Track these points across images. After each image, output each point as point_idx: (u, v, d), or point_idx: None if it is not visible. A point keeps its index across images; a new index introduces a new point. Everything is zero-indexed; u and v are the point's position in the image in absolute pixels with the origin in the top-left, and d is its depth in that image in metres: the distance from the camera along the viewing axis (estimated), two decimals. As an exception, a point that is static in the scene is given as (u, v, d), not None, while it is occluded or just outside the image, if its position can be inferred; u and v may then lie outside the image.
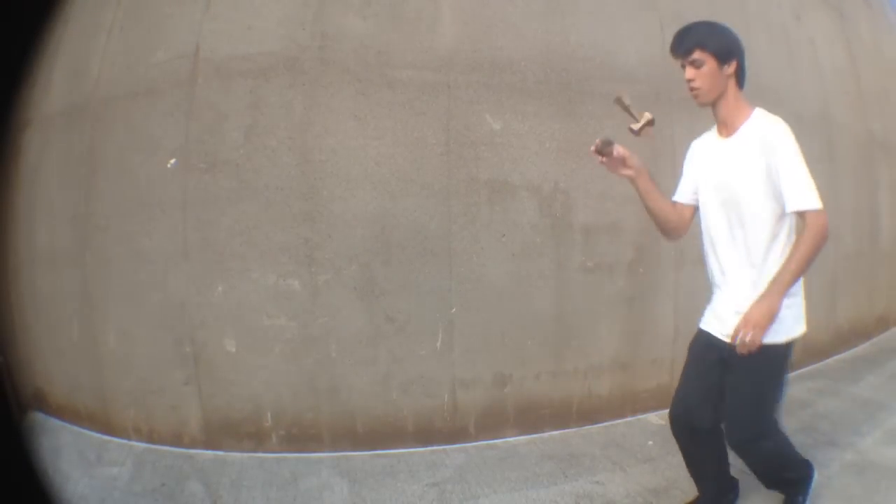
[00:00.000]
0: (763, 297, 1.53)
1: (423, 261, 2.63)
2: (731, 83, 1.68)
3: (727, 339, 1.63)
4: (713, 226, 1.72)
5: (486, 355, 2.72)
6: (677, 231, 1.81)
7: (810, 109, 3.77)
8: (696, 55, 1.63)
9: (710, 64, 1.63)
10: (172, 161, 2.60)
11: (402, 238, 2.62)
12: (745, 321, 1.51)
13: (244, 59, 2.58)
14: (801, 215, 1.57)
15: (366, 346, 2.60)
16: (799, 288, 1.64)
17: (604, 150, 1.63)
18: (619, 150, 1.64)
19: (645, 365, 3.01)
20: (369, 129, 2.59)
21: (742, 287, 1.65)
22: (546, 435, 2.78)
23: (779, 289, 1.52)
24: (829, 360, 3.68)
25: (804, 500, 1.87)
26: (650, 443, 2.64)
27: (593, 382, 2.89)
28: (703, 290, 1.91)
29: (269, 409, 2.60)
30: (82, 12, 2.82)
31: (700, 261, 1.84)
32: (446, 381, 2.68)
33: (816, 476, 1.92)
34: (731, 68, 1.66)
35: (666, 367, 3.07)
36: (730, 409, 1.68)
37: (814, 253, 1.54)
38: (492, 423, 2.75)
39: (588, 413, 2.87)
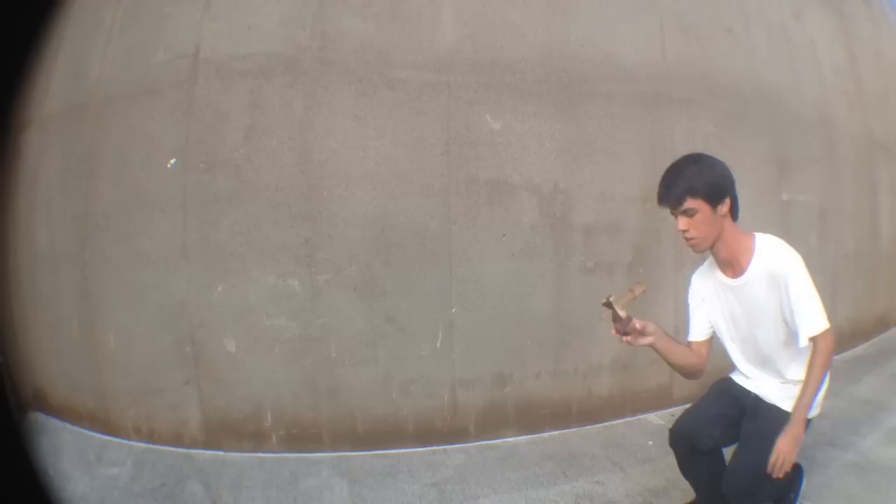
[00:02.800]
0: (788, 429, 1.54)
1: (423, 261, 2.63)
2: (727, 222, 1.59)
3: (750, 391, 1.72)
4: (739, 357, 1.76)
5: (486, 355, 2.72)
6: (699, 370, 1.75)
7: (810, 109, 3.77)
8: (688, 204, 1.53)
9: (703, 210, 1.53)
10: (172, 161, 2.60)
11: (402, 238, 2.62)
12: (777, 453, 1.52)
13: (244, 59, 2.58)
14: (810, 339, 1.57)
15: (366, 346, 2.60)
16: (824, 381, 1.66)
17: (626, 328, 1.55)
18: (636, 324, 1.55)
19: (645, 365, 3.01)
20: (369, 129, 2.59)
21: (765, 384, 1.72)
22: (546, 435, 2.78)
23: (800, 417, 1.55)
24: (829, 361, 3.68)
25: (795, 498, 1.91)
26: (650, 443, 2.63)
27: (593, 382, 2.89)
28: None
29: (269, 409, 2.60)
30: (82, 12, 2.82)
31: (700, 261, 1.84)
32: (446, 381, 2.68)
33: (805, 477, 1.97)
34: (724, 208, 1.56)
35: (666, 368, 3.05)
36: (735, 460, 1.66)
37: (826, 371, 1.58)
38: (492, 423, 2.74)
39: (588, 413, 2.87)
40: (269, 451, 2.58)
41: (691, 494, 1.96)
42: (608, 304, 1.53)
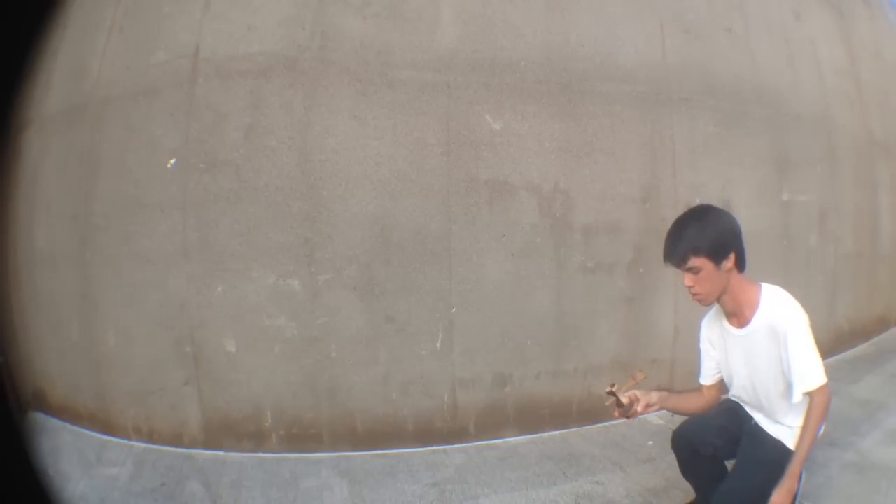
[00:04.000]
0: (783, 482, 1.56)
1: (423, 261, 2.63)
2: (733, 275, 1.59)
3: (753, 417, 1.74)
4: (742, 399, 1.78)
5: (486, 355, 2.72)
6: (709, 409, 1.81)
7: (810, 109, 3.77)
8: (691, 263, 1.55)
9: (706, 268, 1.54)
10: (172, 161, 2.60)
11: (402, 238, 2.62)
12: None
13: (244, 59, 2.58)
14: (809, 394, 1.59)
15: (366, 346, 2.60)
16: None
17: (628, 412, 1.63)
18: (638, 408, 1.63)
19: (645, 365, 3.01)
20: (369, 129, 2.59)
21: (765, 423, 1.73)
22: (546, 435, 2.78)
23: (797, 468, 1.57)
24: (829, 360, 3.67)
25: (795, 499, 1.90)
26: (650, 443, 2.63)
27: (593, 382, 2.89)
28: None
29: (269, 409, 2.60)
30: (82, 12, 2.82)
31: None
32: (446, 381, 2.68)
33: (804, 478, 1.96)
34: (729, 263, 1.56)
35: (666, 367, 3.07)
36: (727, 481, 1.69)
37: (821, 424, 1.61)
38: (492, 423, 2.75)
39: (588, 413, 2.87)
40: (269, 451, 2.58)
41: (691, 494, 1.96)
42: (611, 394, 1.61)
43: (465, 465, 2.48)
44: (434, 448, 2.64)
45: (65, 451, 2.63)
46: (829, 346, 3.80)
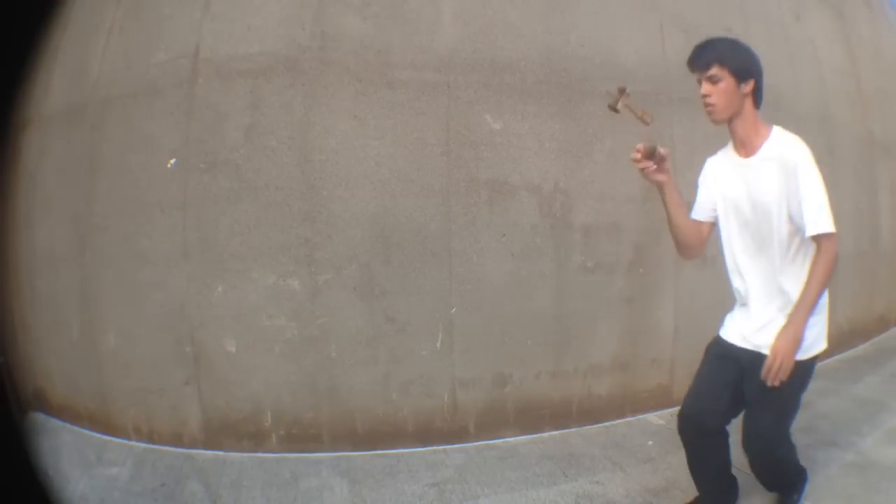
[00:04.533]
0: (787, 326, 1.56)
1: (423, 261, 2.63)
2: (748, 102, 1.63)
3: (747, 349, 1.68)
4: (735, 246, 1.74)
5: (486, 355, 2.72)
6: (696, 249, 1.79)
7: (810, 109, 3.77)
8: (714, 70, 1.59)
9: (727, 81, 1.59)
10: (172, 161, 2.60)
11: (402, 238, 2.62)
12: (774, 353, 1.53)
13: (244, 59, 2.58)
14: (814, 238, 1.58)
15: (366, 346, 2.60)
16: (822, 307, 1.68)
17: (652, 154, 1.57)
18: (662, 150, 1.59)
19: (645, 365, 3.01)
20: (369, 129, 2.59)
21: (764, 306, 1.69)
22: (546, 435, 2.78)
23: (801, 316, 1.56)
24: (829, 360, 3.67)
25: (798, 499, 1.94)
26: (650, 443, 2.64)
27: (593, 382, 2.89)
28: (703, 290, 1.92)
29: (269, 409, 2.59)
30: (82, 12, 2.82)
31: (700, 262, 1.84)
32: (446, 381, 2.68)
33: (808, 479, 1.99)
34: (748, 87, 1.61)
35: (666, 367, 3.07)
36: (749, 420, 1.70)
37: (829, 276, 1.58)
38: (492, 423, 2.75)
39: (588, 413, 2.87)
40: (269, 451, 2.58)
41: (691, 494, 1.96)
42: (620, 94, 1.58)
43: (465, 465, 2.48)
44: (434, 448, 2.64)
45: (65, 451, 2.63)
46: (829, 346, 3.79)
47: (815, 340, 1.68)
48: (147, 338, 2.68)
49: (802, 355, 1.61)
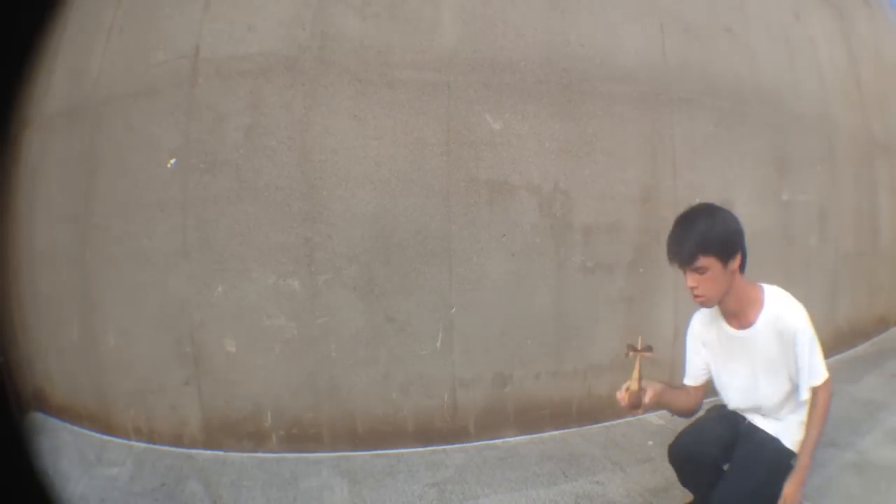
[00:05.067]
0: (794, 475, 1.59)
1: (423, 261, 2.63)
2: (737, 276, 1.54)
3: (749, 419, 1.73)
4: (727, 398, 1.76)
5: (486, 355, 2.72)
6: (693, 411, 1.78)
7: (810, 109, 3.77)
8: (700, 263, 1.48)
9: (713, 268, 1.48)
10: (172, 161, 2.60)
11: (402, 238, 2.62)
12: (783, 500, 1.57)
13: (244, 59, 2.58)
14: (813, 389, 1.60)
15: (366, 346, 2.60)
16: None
17: (638, 404, 1.56)
18: (647, 397, 1.56)
19: (645, 365, 3.01)
20: (369, 129, 2.59)
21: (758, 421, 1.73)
22: (546, 435, 2.78)
23: (805, 463, 1.59)
24: (829, 360, 3.65)
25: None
26: (650, 443, 2.64)
27: (593, 382, 2.89)
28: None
29: (269, 409, 2.59)
30: (82, 12, 2.82)
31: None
32: (446, 381, 2.68)
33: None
34: (735, 264, 1.51)
35: (666, 367, 3.07)
36: (728, 481, 1.65)
37: (827, 417, 1.61)
38: (492, 423, 2.74)
39: (588, 413, 2.87)
40: (269, 451, 2.58)
41: (691, 494, 1.96)
42: (629, 392, 1.54)
43: (465, 465, 2.48)
44: (434, 448, 2.64)
45: (65, 451, 2.62)
46: (829, 346, 3.78)
47: (800, 432, 1.67)
48: (147, 338, 2.68)
49: (789, 443, 1.65)
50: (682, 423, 1.81)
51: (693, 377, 1.77)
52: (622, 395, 1.54)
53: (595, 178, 2.86)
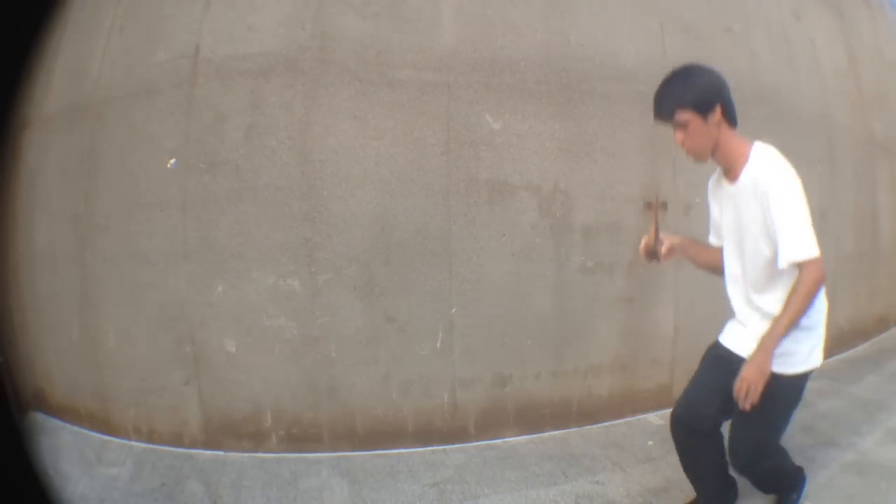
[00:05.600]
0: (755, 352, 1.53)
1: (423, 261, 2.63)
2: (723, 129, 1.60)
3: (740, 355, 1.66)
4: (727, 263, 1.75)
5: (486, 355, 2.72)
6: (722, 267, 1.79)
7: (810, 109, 3.77)
8: (678, 117, 1.56)
9: (693, 122, 1.55)
10: (172, 161, 2.60)
11: (402, 238, 2.62)
12: (741, 380, 1.52)
13: (244, 59, 2.58)
14: (795, 265, 1.52)
15: (366, 346, 2.60)
16: (818, 323, 1.68)
17: (656, 254, 1.64)
18: (664, 246, 1.62)
19: (645, 365, 3.01)
20: (369, 129, 2.59)
21: (753, 323, 1.69)
22: (546, 435, 2.78)
23: (770, 342, 1.51)
24: (829, 360, 3.66)
25: (798, 499, 1.93)
26: (650, 443, 2.64)
27: (593, 382, 2.89)
28: (703, 291, 1.93)
29: (269, 409, 2.60)
30: (82, 12, 2.82)
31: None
32: (446, 381, 2.68)
33: (808, 478, 1.98)
34: (716, 115, 1.57)
35: (666, 367, 3.07)
36: (733, 431, 1.68)
37: (806, 304, 1.52)
38: (492, 423, 2.75)
39: (588, 413, 2.87)
40: (269, 451, 2.58)
41: (692, 494, 1.96)
42: (649, 245, 1.65)
43: (465, 465, 2.48)
44: (434, 448, 2.64)
45: (65, 451, 2.63)
46: (829, 346, 3.79)
47: (808, 355, 1.65)
48: (147, 338, 2.68)
49: (793, 369, 1.61)
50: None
51: (714, 235, 1.82)
52: (641, 248, 1.66)
53: (595, 178, 2.86)
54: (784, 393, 1.60)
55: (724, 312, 1.85)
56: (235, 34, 2.60)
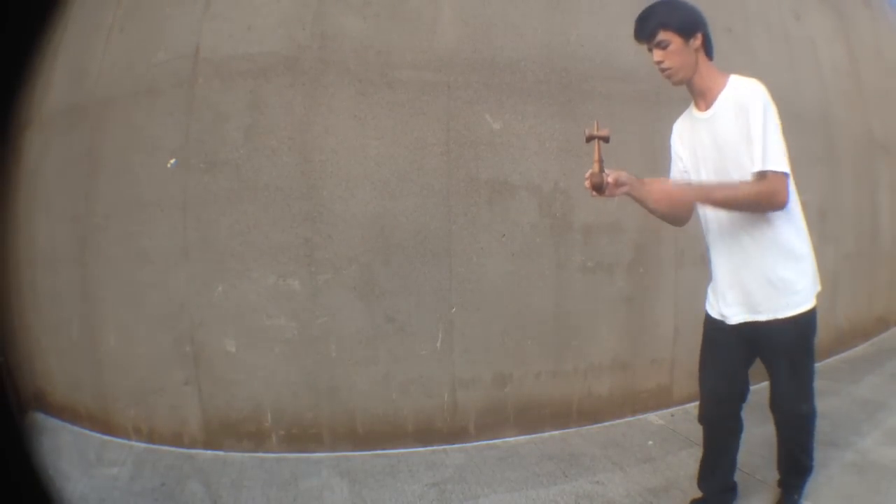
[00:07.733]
0: (665, 183, 1.64)
1: (423, 261, 2.63)
2: (701, 56, 1.67)
3: (746, 321, 1.70)
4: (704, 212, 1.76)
5: (486, 355, 2.72)
6: (687, 216, 1.79)
7: (810, 109, 3.77)
8: (661, 36, 1.63)
9: (675, 42, 1.63)
10: (172, 161, 2.60)
11: (402, 238, 2.62)
12: (618, 175, 1.57)
13: (244, 59, 2.58)
14: (763, 175, 1.56)
15: (366, 346, 2.60)
16: (805, 253, 1.69)
17: (601, 186, 1.57)
18: (609, 177, 1.57)
19: (645, 365, 3.01)
20: (369, 129, 2.59)
21: (737, 268, 1.71)
22: (546, 435, 2.78)
23: (689, 191, 1.65)
24: (829, 360, 3.68)
25: (798, 499, 1.94)
26: (650, 443, 2.63)
27: (593, 382, 2.89)
28: (703, 290, 1.92)
29: (269, 409, 2.60)
30: (82, 12, 2.82)
31: (700, 261, 1.84)
32: (446, 381, 2.68)
33: (811, 476, 1.99)
34: (697, 41, 1.65)
35: (666, 367, 3.07)
36: (772, 381, 1.75)
37: (747, 201, 1.58)
38: (492, 422, 2.75)
39: (588, 413, 2.87)
40: (269, 451, 2.58)
41: (692, 494, 1.96)
42: (596, 138, 1.60)
43: (465, 465, 2.48)
44: (434, 448, 2.64)
45: (65, 451, 2.63)
46: (829, 346, 3.80)
47: (811, 285, 1.69)
48: (147, 338, 2.68)
49: (803, 306, 1.65)
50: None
51: (674, 176, 1.85)
52: (587, 181, 1.60)
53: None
54: (802, 330, 1.67)
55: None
56: (235, 34, 2.60)
